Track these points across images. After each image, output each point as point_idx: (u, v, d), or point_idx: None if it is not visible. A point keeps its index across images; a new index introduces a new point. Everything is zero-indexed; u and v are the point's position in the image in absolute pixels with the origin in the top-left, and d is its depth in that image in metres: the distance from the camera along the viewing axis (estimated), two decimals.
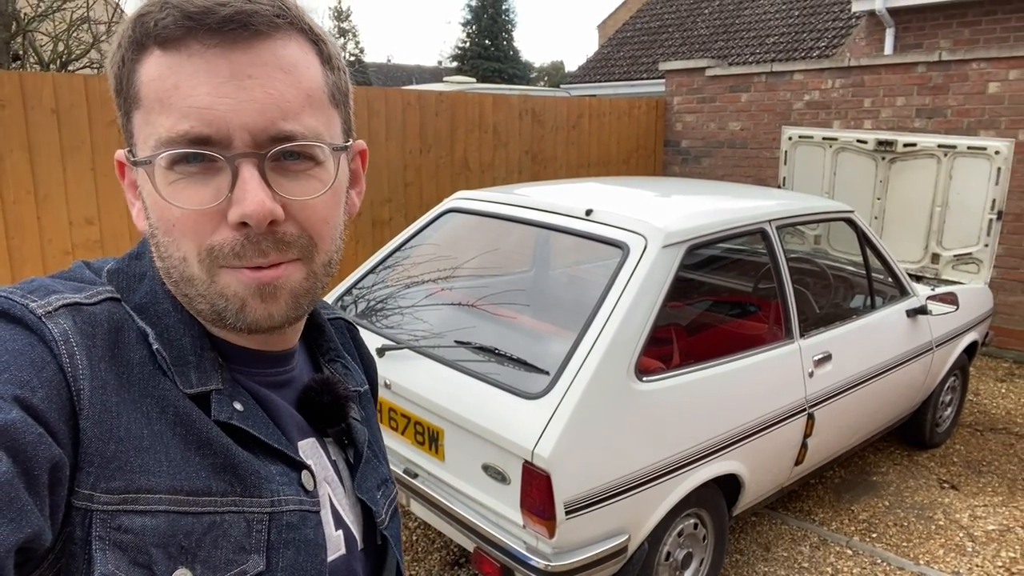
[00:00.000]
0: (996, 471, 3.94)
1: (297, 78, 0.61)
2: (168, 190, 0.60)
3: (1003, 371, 5.50)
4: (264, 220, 0.59)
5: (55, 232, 4.02)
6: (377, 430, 0.87)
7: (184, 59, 0.58)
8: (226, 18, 0.58)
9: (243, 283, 0.62)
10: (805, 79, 6.47)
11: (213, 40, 0.58)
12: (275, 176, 0.61)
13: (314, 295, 0.67)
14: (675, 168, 7.53)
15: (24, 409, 0.52)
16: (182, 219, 0.60)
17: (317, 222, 0.64)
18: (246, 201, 0.58)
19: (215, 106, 0.58)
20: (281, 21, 0.61)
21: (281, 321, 0.65)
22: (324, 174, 0.64)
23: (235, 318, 0.63)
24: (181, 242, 0.61)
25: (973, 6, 6.88)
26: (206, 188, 0.59)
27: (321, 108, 0.64)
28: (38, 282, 0.63)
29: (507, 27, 32.55)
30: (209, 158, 0.59)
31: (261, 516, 0.64)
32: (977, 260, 4.31)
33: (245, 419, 0.65)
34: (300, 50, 0.63)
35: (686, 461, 2.43)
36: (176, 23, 0.57)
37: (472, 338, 2.64)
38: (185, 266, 0.62)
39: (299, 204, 0.62)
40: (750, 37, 13.95)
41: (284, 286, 0.63)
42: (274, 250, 0.61)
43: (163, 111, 0.59)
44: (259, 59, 0.59)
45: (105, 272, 0.67)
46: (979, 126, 5.53)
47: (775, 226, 2.96)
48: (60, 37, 5.68)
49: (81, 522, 0.55)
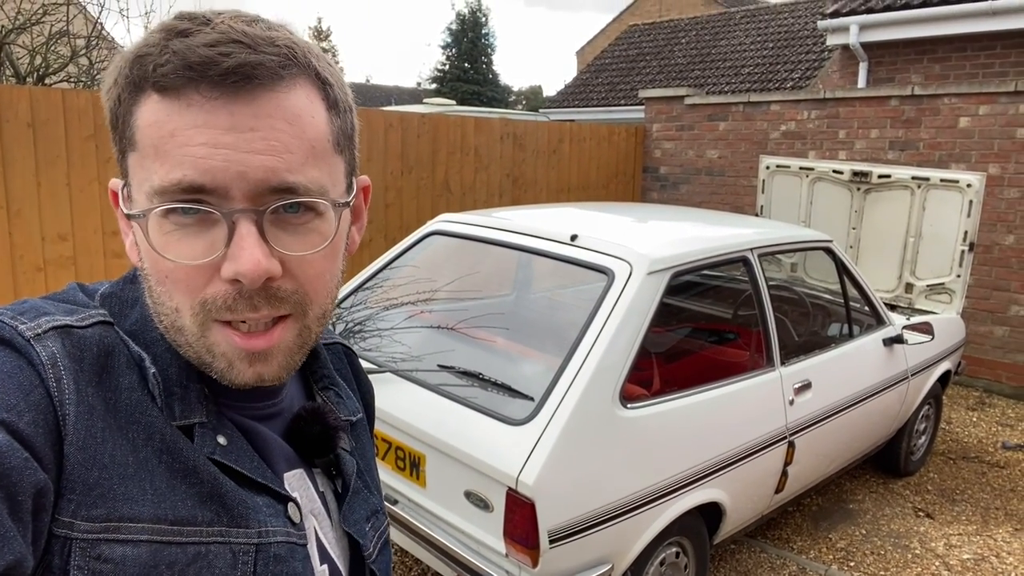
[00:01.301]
0: (970, 500, 3.99)
1: (302, 129, 0.59)
2: (161, 241, 0.58)
3: (974, 400, 5.58)
4: (258, 280, 0.57)
5: (27, 248, 3.93)
6: (372, 459, 0.85)
7: (183, 107, 0.56)
8: (229, 70, 0.55)
9: (232, 347, 0.60)
10: (782, 110, 6.60)
11: (214, 92, 0.56)
12: (273, 230, 0.59)
13: (306, 349, 0.66)
14: (653, 194, 7.60)
15: (10, 433, 0.51)
16: (175, 272, 0.58)
17: (313, 277, 0.62)
18: (241, 259, 0.57)
19: (212, 156, 0.56)
20: (287, 72, 0.58)
21: (273, 380, 0.63)
22: (325, 227, 0.62)
23: (221, 375, 0.62)
24: (174, 294, 0.59)
25: (944, 43, 7.07)
26: (200, 241, 0.58)
27: (324, 158, 0.62)
28: (29, 303, 0.61)
29: (486, 51, 32.83)
30: (205, 212, 0.57)
31: (248, 547, 0.62)
32: (950, 290, 4.39)
33: (228, 454, 0.64)
34: (306, 98, 0.60)
35: (670, 489, 2.42)
36: (176, 72, 0.55)
37: (455, 362, 2.62)
38: (177, 316, 0.60)
39: (297, 259, 0.60)
40: (726, 67, 14.21)
41: (276, 351, 0.62)
42: (266, 305, 0.60)
43: (158, 158, 0.57)
44: (262, 111, 0.57)
45: (98, 295, 0.66)
46: (950, 159, 5.66)
47: (757, 254, 2.98)
48: (38, 50, 5.61)
49: (60, 550, 0.54)
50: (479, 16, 32.34)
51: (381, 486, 0.93)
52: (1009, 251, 5.49)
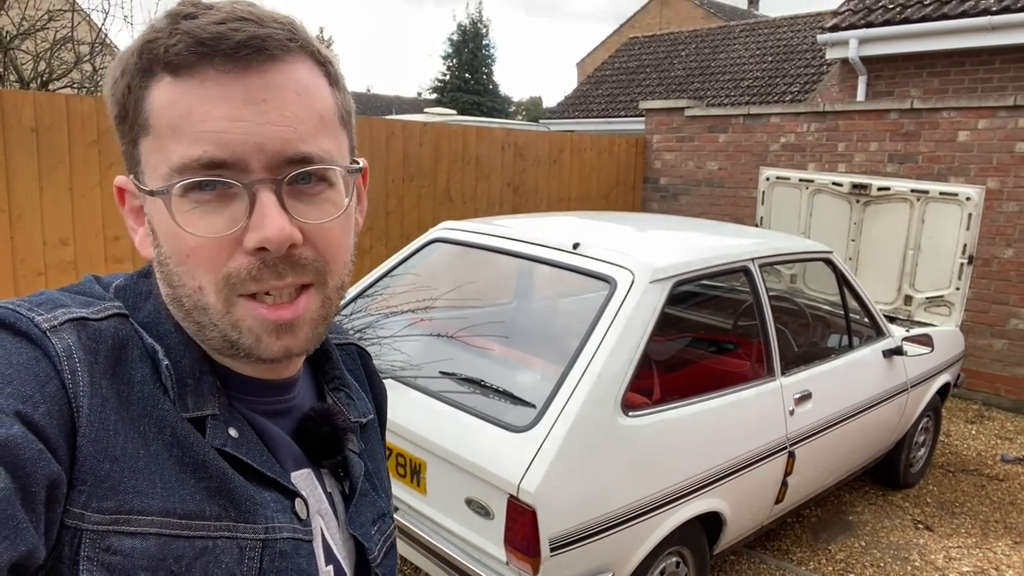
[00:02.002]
0: (969, 512, 3.98)
1: (310, 100, 0.61)
2: (183, 219, 0.59)
3: (973, 413, 5.58)
4: (284, 245, 0.59)
5: (28, 252, 3.93)
6: (382, 461, 0.85)
7: (196, 85, 0.57)
8: (240, 43, 0.57)
9: (259, 319, 0.61)
10: (781, 122, 6.63)
11: (227, 66, 0.57)
12: (291, 201, 0.60)
13: (329, 321, 0.67)
14: (654, 205, 7.62)
15: (25, 424, 0.52)
16: (197, 248, 0.59)
17: (332, 245, 0.64)
18: (265, 226, 0.58)
19: (230, 130, 0.57)
20: (293, 45, 0.60)
21: (299, 352, 0.65)
22: (337, 197, 0.64)
23: (249, 350, 0.62)
24: (196, 272, 0.60)
25: (942, 57, 7.12)
26: (220, 216, 0.59)
27: (333, 130, 0.64)
28: (46, 295, 0.62)
29: (487, 61, 32.97)
30: (224, 184, 0.58)
31: (255, 543, 0.63)
32: (949, 303, 4.40)
33: (239, 446, 0.64)
34: (310, 73, 0.62)
35: (671, 498, 2.42)
36: (188, 49, 0.57)
37: (457, 369, 2.62)
38: (200, 295, 0.61)
39: (315, 228, 0.62)
40: (725, 80, 14.29)
41: (303, 321, 0.63)
42: (290, 272, 0.61)
43: (175, 137, 0.58)
44: (273, 83, 0.59)
45: (113, 288, 0.67)
46: (949, 172, 5.69)
47: (758, 264, 2.99)
48: (42, 56, 5.63)
49: (70, 541, 0.54)
50: (480, 27, 32.50)
51: (391, 489, 0.94)
52: (1008, 264, 5.51)
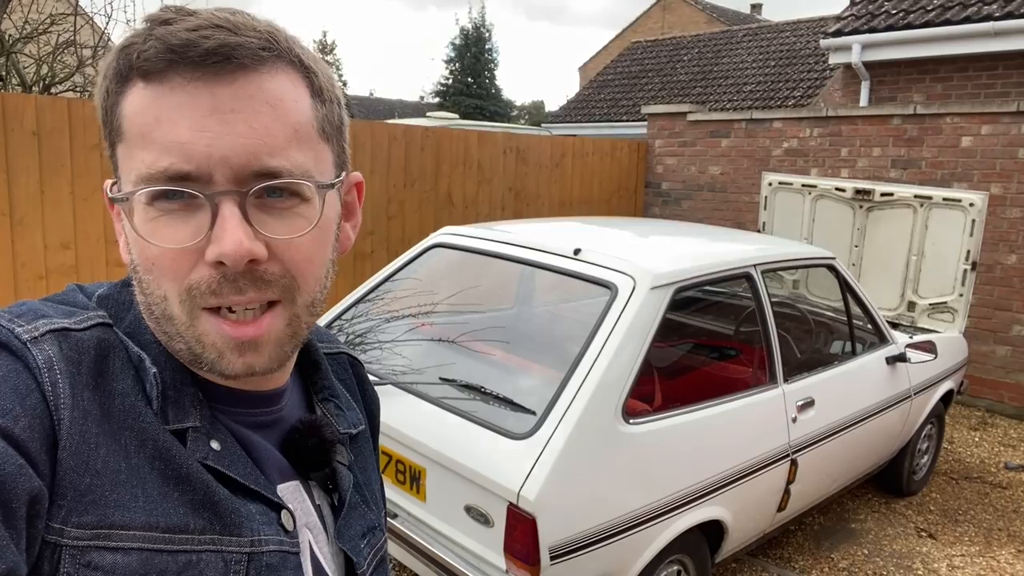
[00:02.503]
0: (972, 520, 3.96)
1: (284, 112, 0.59)
2: (147, 228, 0.58)
3: (976, 420, 5.56)
4: (241, 260, 0.57)
5: (29, 256, 3.93)
6: (373, 472, 0.84)
7: (166, 92, 0.56)
8: (209, 51, 0.56)
9: (221, 335, 0.60)
10: (784, 127, 6.61)
11: (195, 73, 0.56)
12: (258, 214, 0.59)
13: (298, 340, 0.65)
14: (655, 209, 7.61)
15: (5, 438, 0.51)
16: (161, 257, 0.58)
17: (301, 261, 0.62)
18: (224, 240, 0.56)
19: (196, 141, 0.56)
20: (267, 54, 0.59)
21: (263, 371, 0.63)
22: (310, 211, 0.62)
23: (211, 366, 0.61)
24: (161, 281, 0.59)
25: (946, 63, 7.11)
26: (185, 226, 0.58)
27: (309, 143, 0.62)
28: (27, 306, 0.61)
29: (489, 66, 33.01)
30: (189, 195, 0.57)
31: (240, 556, 0.61)
32: (952, 309, 4.38)
33: (221, 459, 0.63)
34: (289, 82, 0.60)
35: (672, 506, 2.40)
36: (158, 55, 0.56)
37: (457, 375, 2.61)
38: (166, 304, 0.60)
39: (283, 243, 0.60)
40: (728, 85, 14.29)
41: (266, 340, 0.61)
42: (252, 288, 0.59)
43: (144, 146, 0.57)
44: (243, 92, 0.57)
45: (96, 297, 0.66)
46: (952, 178, 5.67)
47: (760, 270, 2.98)
48: (44, 60, 5.63)
49: (50, 557, 0.53)
50: (482, 31, 32.55)
51: (385, 501, 0.92)
52: (1011, 271, 5.49)
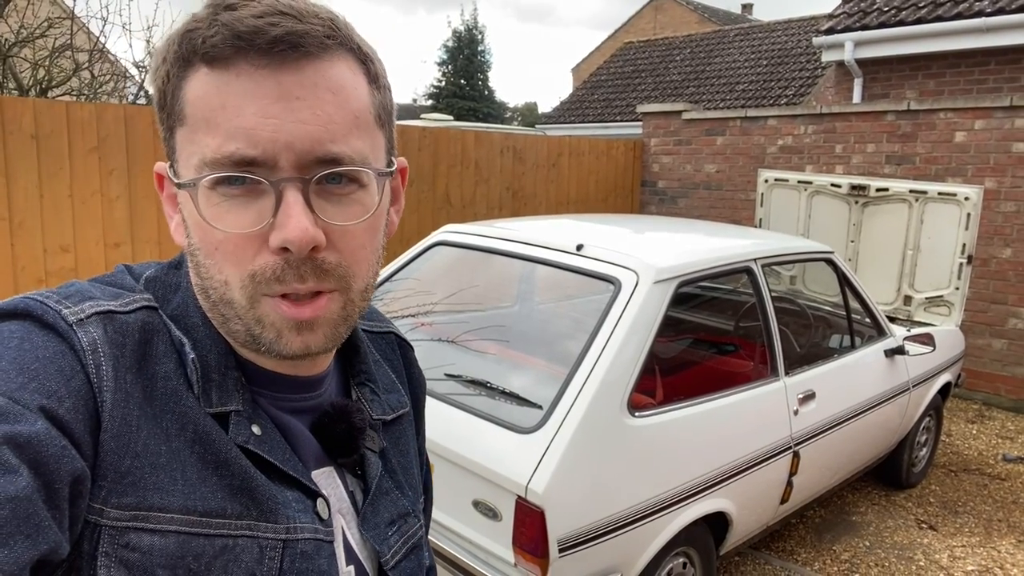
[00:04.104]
0: (972, 512, 3.99)
1: (345, 99, 0.60)
2: (210, 212, 0.58)
3: (973, 412, 5.60)
4: (306, 247, 0.58)
5: (28, 259, 3.93)
6: (414, 457, 0.83)
7: (232, 78, 0.57)
8: (277, 39, 0.56)
9: (281, 316, 0.60)
10: (779, 124, 6.65)
11: (263, 61, 0.57)
12: (318, 200, 0.59)
13: (351, 322, 0.66)
14: (652, 208, 7.63)
15: (49, 419, 0.52)
16: (224, 243, 0.59)
17: (356, 249, 0.63)
18: (289, 227, 0.57)
19: (262, 127, 0.57)
20: (331, 42, 0.59)
21: (318, 351, 0.64)
22: (368, 198, 0.63)
23: (270, 346, 0.62)
24: (223, 266, 0.60)
25: (938, 59, 7.16)
26: (248, 212, 0.58)
27: (368, 130, 0.63)
28: (76, 287, 0.62)
29: (482, 67, 33.02)
30: (253, 181, 0.58)
31: (275, 543, 0.62)
32: (948, 303, 4.41)
33: (261, 444, 0.64)
34: (349, 71, 0.61)
35: (677, 498, 2.42)
36: (225, 42, 0.56)
37: (462, 372, 2.62)
38: (226, 289, 0.60)
39: (340, 230, 0.61)
40: (720, 84, 14.34)
41: (322, 320, 0.62)
42: (312, 277, 0.60)
43: (208, 131, 0.57)
44: (308, 80, 0.58)
45: (143, 279, 0.66)
46: (947, 173, 5.71)
47: (760, 264, 3.00)
48: (41, 64, 5.63)
49: (90, 536, 0.54)
50: (475, 33, 32.56)
51: (430, 485, 0.91)
52: (1006, 264, 5.53)
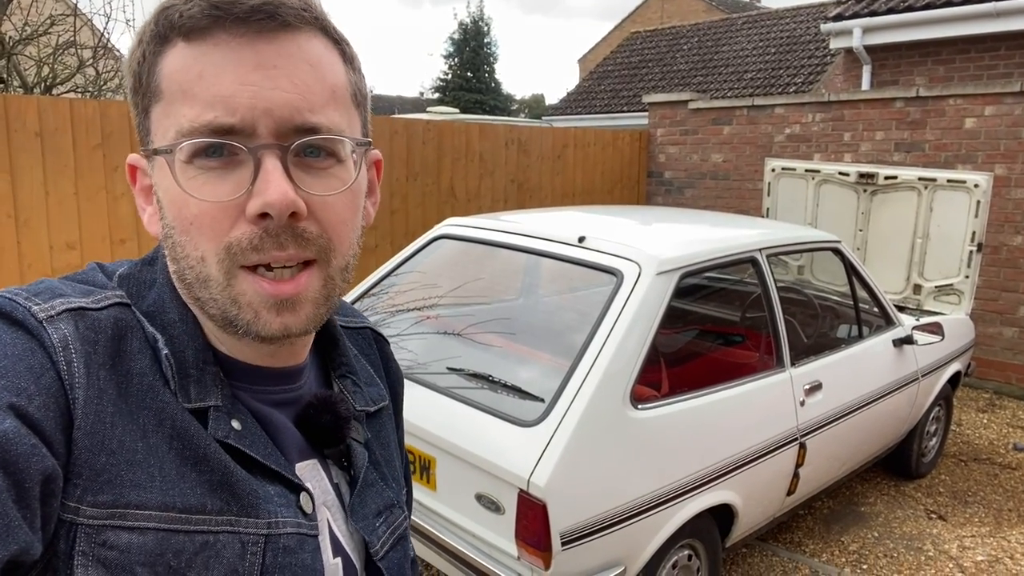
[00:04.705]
0: (982, 501, 3.95)
1: (322, 72, 0.61)
2: (188, 183, 0.58)
3: (984, 401, 5.55)
4: (286, 211, 0.57)
5: (35, 257, 3.94)
6: (394, 449, 0.83)
7: (210, 48, 0.57)
8: (254, 8, 0.57)
9: (259, 294, 0.60)
10: (786, 113, 6.59)
11: (240, 30, 0.57)
12: (297, 171, 0.59)
13: (332, 303, 0.65)
14: (658, 198, 7.60)
15: (19, 417, 0.51)
16: (200, 215, 0.58)
17: (336, 222, 0.62)
18: (268, 191, 0.57)
19: (240, 94, 0.57)
20: (307, 15, 0.60)
21: (299, 332, 0.63)
22: (345, 173, 0.63)
23: (247, 327, 0.61)
24: (199, 240, 0.59)
25: (947, 45, 7.07)
26: (225, 182, 0.58)
27: (345, 105, 0.64)
28: (45, 284, 0.61)
29: (489, 60, 32.95)
30: (231, 151, 0.58)
31: (257, 538, 0.61)
32: (958, 291, 4.37)
33: (242, 438, 0.63)
34: (324, 47, 0.62)
35: (681, 490, 2.41)
36: (203, 13, 0.57)
37: (464, 365, 2.61)
38: (202, 266, 0.60)
39: (319, 201, 0.61)
40: (728, 73, 14.23)
41: (304, 299, 0.62)
42: (292, 244, 0.59)
43: (186, 101, 0.57)
44: (285, 50, 0.59)
45: (116, 276, 0.66)
46: (956, 160, 5.65)
47: (765, 255, 2.97)
48: (45, 61, 5.65)
49: (65, 535, 0.54)
50: (481, 25, 32.47)
51: (409, 478, 0.91)
52: (1017, 252, 5.47)
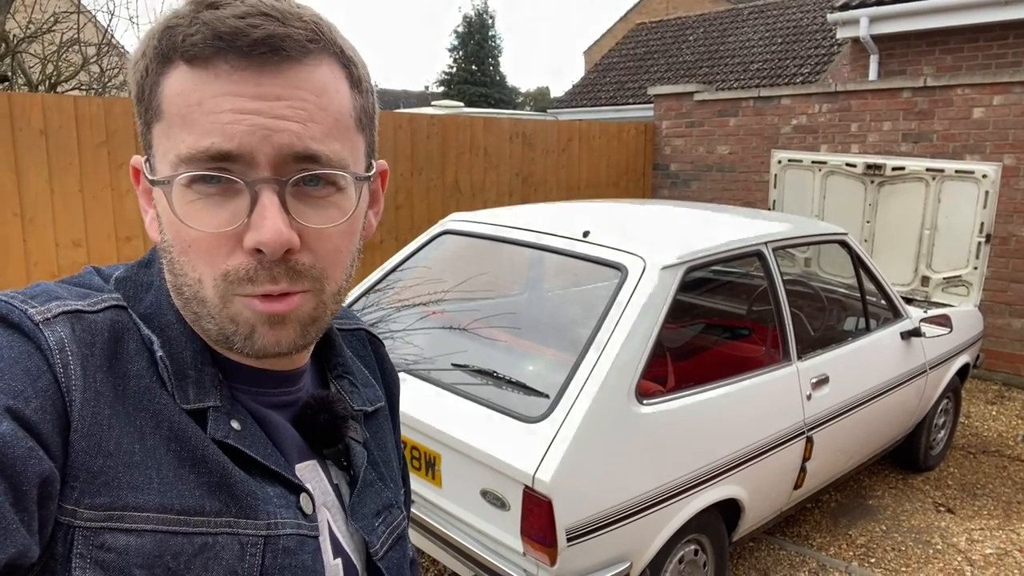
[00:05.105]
0: (991, 494, 3.94)
1: (326, 102, 0.60)
2: (185, 210, 0.58)
3: (993, 393, 5.52)
4: (280, 249, 0.57)
5: (41, 255, 3.96)
6: (392, 450, 0.84)
7: (211, 78, 0.57)
8: (258, 41, 0.56)
9: (254, 312, 0.60)
10: (793, 104, 6.55)
11: (243, 63, 0.56)
12: (294, 202, 0.59)
13: (322, 324, 0.65)
14: (664, 191, 7.57)
15: (16, 420, 0.51)
16: (198, 241, 0.58)
17: (330, 252, 0.62)
18: (263, 229, 0.57)
19: (239, 122, 0.56)
20: (313, 46, 0.59)
21: (289, 348, 0.63)
22: (345, 202, 0.62)
23: (243, 343, 0.61)
24: (197, 264, 0.59)
25: (955, 33, 7.01)
26: (223, 211, 0.58)
27: (347, 134, 0.63)
28: (42, 287, 0.61)
29: (493, 53, 32.87)
30: (228, 180, 0.57)
31: (256, 539, 0.61)
32: (967, 282, 4.34)
33: (242, 439, 0.63)
34: (331, 74, 0.61)
35: (687, 486, 2.40)
36: (205, 41, 0.56)
37: (469, 361, 2.61)
38: (200, 287, 0.60)
39: (315, 232, 0.60)
40: (734, 63, 14.15)
41: (294, 316, 0.62)
42: (285, 278, 0.59)
43: (184, 127, 0.57)
44: (288, 82, 0.58)
45: (113, 279, 0.66)
46: (964, 150, 5.60)
47: (771, 248, 2.96)
48: (49, 59, 5.66)
49: (63, 538, 0.54)
50: (485, 18, 32.38)
51: (407, 478, 0.91)
52: None
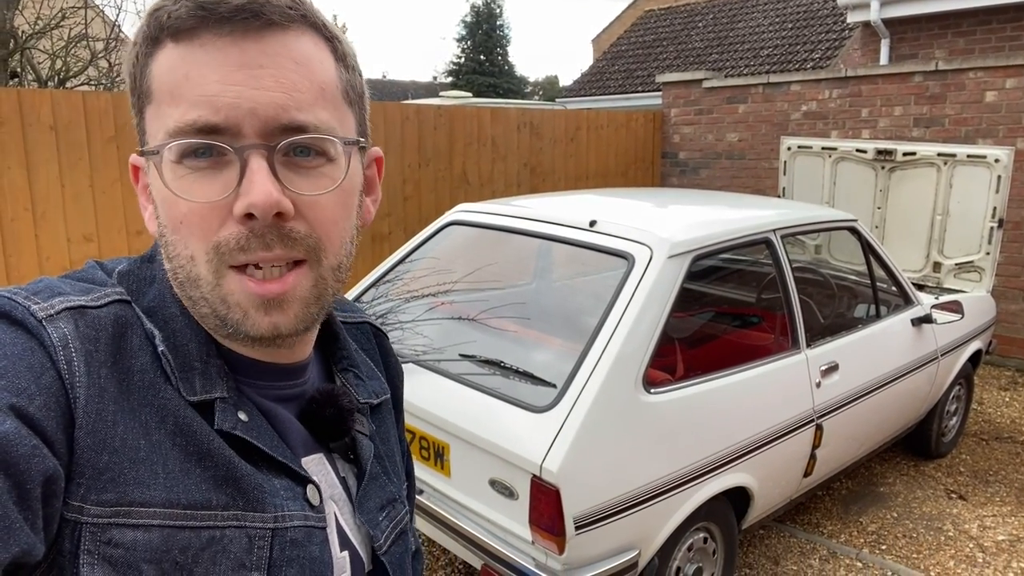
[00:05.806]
0: (1003, 480, 3.91)
1: (310, 71, 0.60)
2: (177, 184, 0.58)
3: (1006, 380, 5.48)
4: (270, 211, 0.57)
5: (53, 250, 3.99)
6: (396, 443, 0.84)
7: (196, 49, 0.57)
8: (238, 7, 0.57)
9: (247, 293, 0.59)
10: (802, 90, 6.49)
11: (225, 29, 0.57)
12: (284, 171, 0.59)
13: (324, 303, 0.65)
14: (673, 179, 7.53)
15: (20, 418, 0.51)
16: (189, 215, 0.58)
17: (325, 222, 0.62)
18: (252, 192, 0.57)
19: (224, 94, 0.57)
20: (294, 13, 0.59)
21: (288, 332, 0.62)
22: (335, 171, 0.62)
23: (237, 327, 0.61)
24: (189, 240, 0.59)
25: (968, 16, 6.91)
26: (213, 183, 0.58)
27: (335, 104, 0.63)
28: (45, 283, 0.61)
29: (501, 42, 32.74)
30: (218, 151, 0.57)
31: (264, 532, 0.61)
32: (979, 268, 4.30)
33: (249, 430, 0.63)
34: (314, 45, 0.61)
35: (696, 474, 2.40)
36: (189, 13, 0.57)
37: (476, 351, 2.62)
38: (192, 265, 0.60)
39: (308, 201, 0.60)
40: (744, 50, 14.03)
41: (291, 298, 0.61)
42: (279, 244, 0.59)
43: (173, 102, 0.58)
44: (271, 49, 0.58)
45: (116, 273, 0.66)
46: (977, 135, 5.54)
47: (780, 235, 2.94)
48: (58, 54, 5.68)
49: (70, 535, 0.54)
50: (493, 7, 32.23)
51: (411, 471, 0.91)
52: None
